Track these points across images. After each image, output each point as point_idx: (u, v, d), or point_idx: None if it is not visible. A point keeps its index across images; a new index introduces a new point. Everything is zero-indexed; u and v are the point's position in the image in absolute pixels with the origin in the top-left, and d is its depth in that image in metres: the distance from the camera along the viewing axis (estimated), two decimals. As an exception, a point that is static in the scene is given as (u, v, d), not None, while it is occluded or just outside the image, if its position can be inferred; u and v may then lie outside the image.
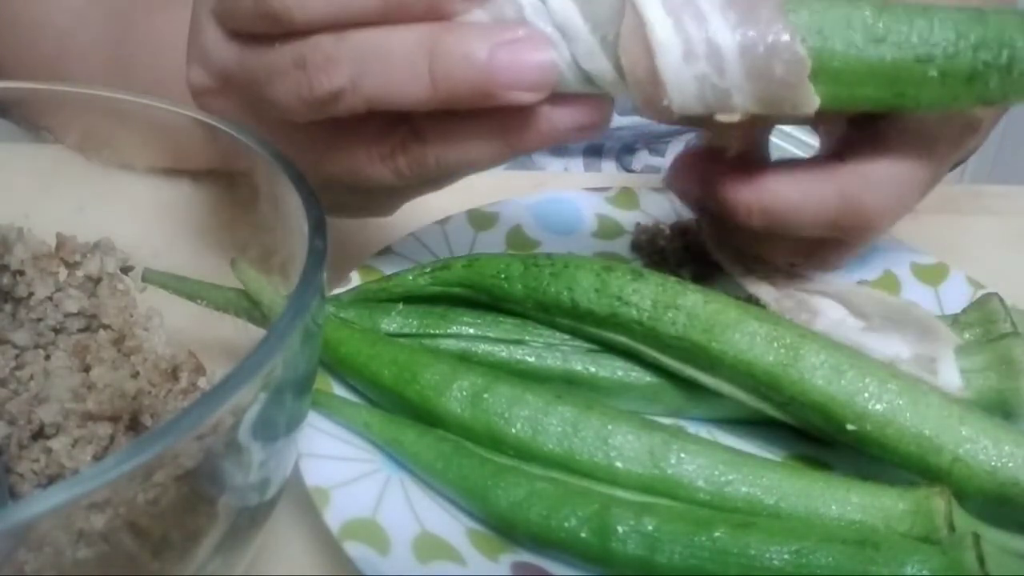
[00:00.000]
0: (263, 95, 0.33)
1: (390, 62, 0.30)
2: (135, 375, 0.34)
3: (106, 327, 0.36)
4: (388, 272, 0.41)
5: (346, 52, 0.31)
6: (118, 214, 0.37)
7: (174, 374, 0.34)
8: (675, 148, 0.69)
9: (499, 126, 0.32)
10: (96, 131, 0.36)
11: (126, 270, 0.37)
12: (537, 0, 0.30)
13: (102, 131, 0.36)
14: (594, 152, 0.66)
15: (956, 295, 0.42)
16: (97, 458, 0.30)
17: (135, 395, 0.32)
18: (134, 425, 0.32)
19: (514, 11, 0.30)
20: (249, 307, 0.34)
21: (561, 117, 0.32)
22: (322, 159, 0.35)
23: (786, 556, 0.29)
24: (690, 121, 0.32)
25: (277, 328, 0.23)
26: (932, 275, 0.43)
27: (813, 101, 0.30)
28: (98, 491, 0.19)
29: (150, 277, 0.36)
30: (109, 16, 0.51)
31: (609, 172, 0.68)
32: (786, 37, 0.29)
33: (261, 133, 0.34)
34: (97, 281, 0.36)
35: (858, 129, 0.36)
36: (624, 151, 0.67)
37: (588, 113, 0.32)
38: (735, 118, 0.31)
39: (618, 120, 0.63)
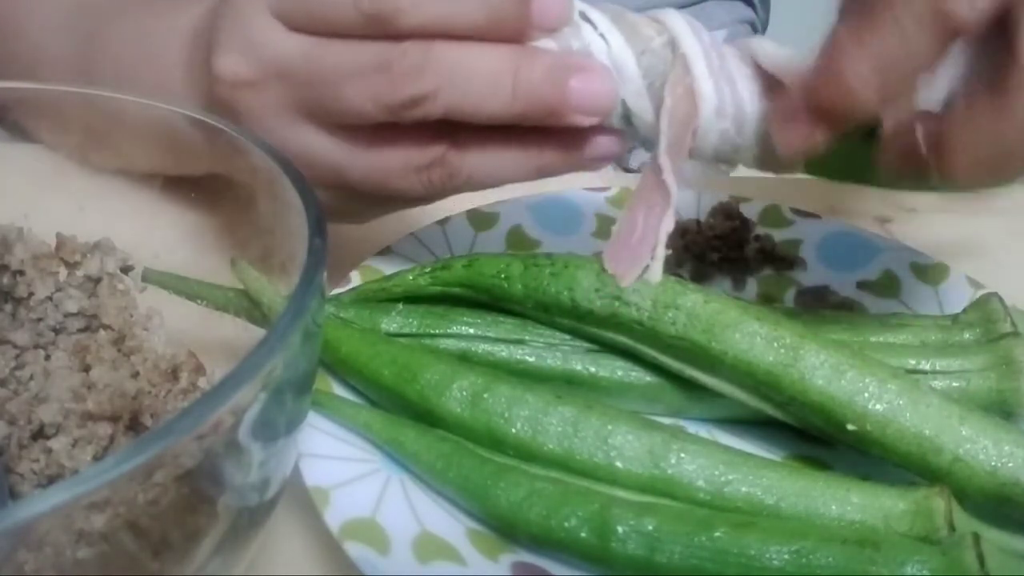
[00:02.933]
0: (329, 92, 0.34)
1: (477, 76, 0.33)
2: (135, 375, 0.34)
3: (106, 327, 0.36)
4: (388, 272, 0.41)
5: (434, 62, 0.32)
6: (118, 214, 0.37)
7: (174, 374, 0.34)
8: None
9: (536, 145, 0.35)
10: (93, 134, 0.36)
11: (126, 270, 0.37)
12: (600, 39, 0.34)
13: (99, 134, 0.36)
14: None
15: (956, 295, 0.42)
16: (97, 458, 0.30)
17: (135, 395, 0.32)
18: (134, 425, 0.32)
19: (580, 45, 0.34)
20: (249, 307, 0.34)
21: (595, 149, 0.35)
22: (355, 163, 0.36)
23: (786, 556, 0.29)
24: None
25: (277, 328, 0.23)
26: (932, 275, 0.43)
27: (799, 169, 0.34)
28: (98, 491, 0.19)
29: (150, 277, 0.36)
30: (77, 24, 0.51)
31: (609, 172, 0.68)
32: None
33: (291, 131, 0.35)
34: (97, 281, 0.36)
35: None
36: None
37: (618, 145, 0.35)
38: (729, 172, 0.36)
39: None
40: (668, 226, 0.34)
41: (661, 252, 0.33)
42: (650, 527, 0.30)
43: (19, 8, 0.53)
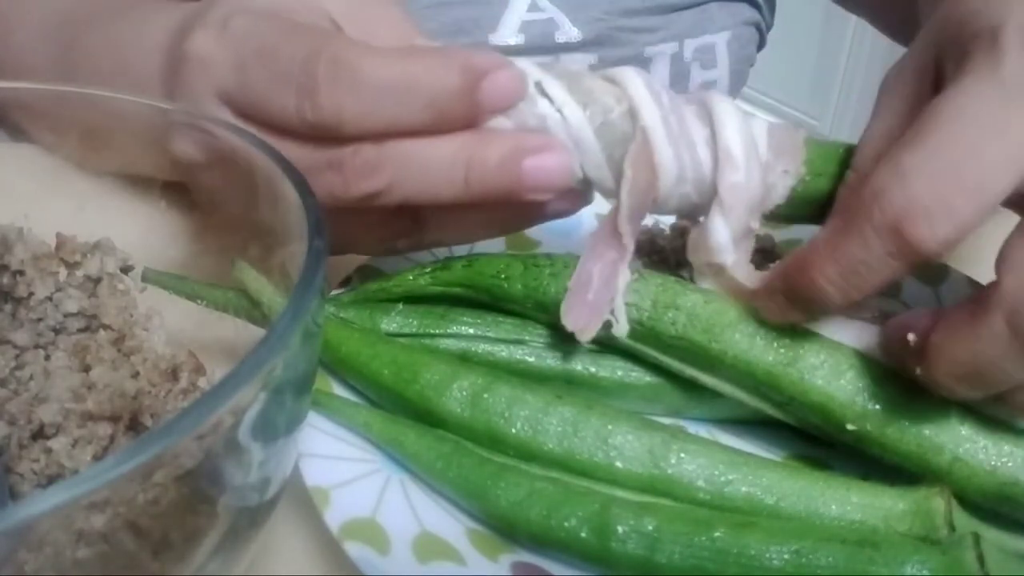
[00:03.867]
0: None
1: (430, 169, 0.33)
2: (135, 375, 0.34)
3: (106, 327, 0.36)
4: (388, 272, 0.41)
5: (387, 159, 0.33)
6: (118, 214, 0.37)
7: (174, 374, 0.34)
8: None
9: (499, 214, 0.36)
10: (92, 135, 0.36)
11: (126, 270, 0.37)
12: (556, 113, 0.34)
13: (98, 135, 0.36)
14: None
15: (956, 295, 0.42)
16: (97, 458, 0.30)
17: (135, 395, 0.32)
18: (134, 425, 0.32)
19: (536, 121, 0.34)
20: (249, 307, 0.34)
21: (556, 208, 0.35)
22: None
23: (786, 556, 0.29)
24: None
25: (277, 328, 0.23)
26: (932, 275, 0.43)
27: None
28: (98, 491, 0.19)
29: (150, 277, 0.36)
30: (58, 31, 0.51)
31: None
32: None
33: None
34: (97, 281, 0.36)
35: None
36: None
37: (573, 204, 0.36)
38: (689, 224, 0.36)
39: None
40: (625, 278, 0.35)
41: (621, 304, 0.35)
42: (650, 527, 0.30)
43: (6, 16, 0.53)
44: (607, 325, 0.35)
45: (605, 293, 0.34)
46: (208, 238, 0.36)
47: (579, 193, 0.36)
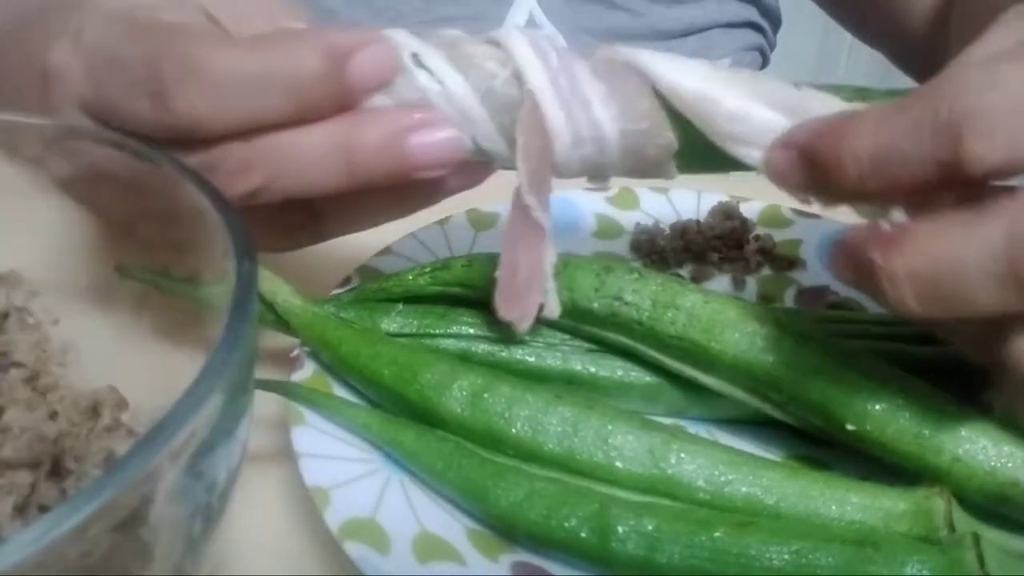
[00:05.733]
0: None
1: (305, 161, 0.31)
2: (53, 415, 0.31)
3: (17, 365, 0.33)
4: (388, 272, 0.41)
5: (259, 155, 0.31)
6: (21, 242, 0.35)
7: (95, 411, 0.32)
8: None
9: (396, 195, 0.34)
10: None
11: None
12: (437, 85, 0.32)
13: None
14: None
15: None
16: (19, 508, 0.28)
17: (56, 438, 0.30)
18: (57, 470, 0.30)
19: (415, 95, 0.32)
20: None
21: (452, 182, 0.34)
22: None
23: (786, 556, 0.29)
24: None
25: (214, 363, 0.22)
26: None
27: (673, 173, 0.33)
28: (26, 561, 0.18)
29: (130, 272, 0.34)
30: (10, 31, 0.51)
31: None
32: (661, 127, 0.32)
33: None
34: (4, 316, 0.34)
35: None
36: None
37: (476, 176, 0.35)
38: (605, 185, 0.35)
39: None
40: (550, 259, 0.33)
41: (551, 285, 0.34)
42: (650, 527, 0.30)
43: None
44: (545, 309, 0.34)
45: (535, 277, 0.33)
46: (127, 257, 0.34)
47: (480, 165, 0.34)
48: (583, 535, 0.31)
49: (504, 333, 0.37)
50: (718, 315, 0.34)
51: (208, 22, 0.34)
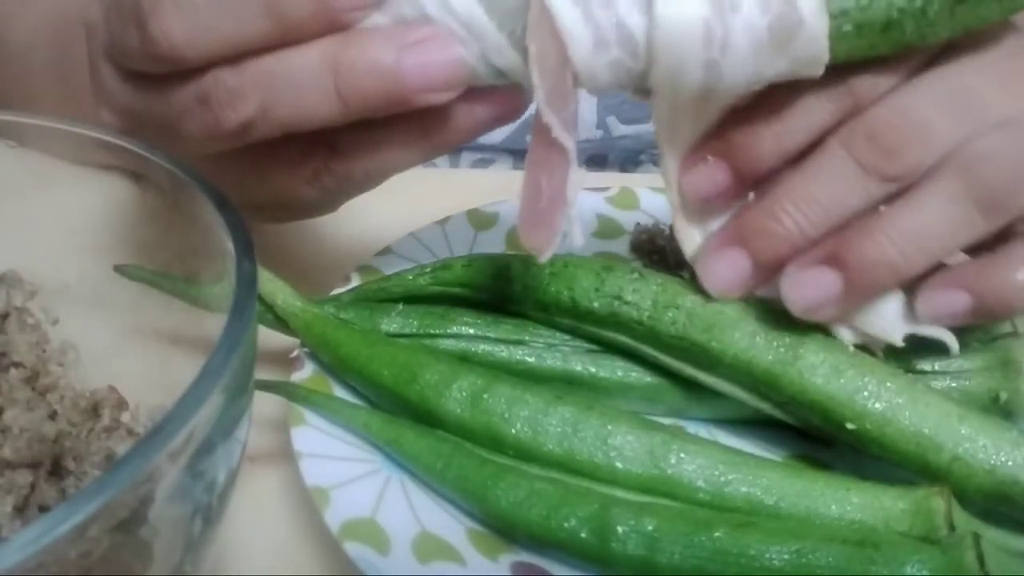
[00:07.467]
0: (171, 135, 0.32)
1: (295, 85, 0.30)
2: (53, 415, 0.31)
3: (17, 365, 0.33)
4: (388, 272, 0.41)
5: (248, 82, 0.30)
6: (21, 243, 0.35)
7: (95, 411, 0.32)
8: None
9: (419, 128, 0.32)
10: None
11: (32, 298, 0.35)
12: None
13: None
14: (597, 163, 0.66)
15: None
16: (18, 508, 0.28)
17: (55, 438, 0.30)
18: (56, 470, 0.30)
19: (414, 11, 0.29)
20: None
21: (479, 112, 0.32)
22: (245, 185, 0.34)
23: (786, 556, 0.29)
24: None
25: (213, 364, 0.22)
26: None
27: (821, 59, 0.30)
28: (28, 560, 0.18)
29: (130, 272, 0.34)
30: (56, 33, 0.51)
31: (609, 172, 0.68)
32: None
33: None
34: (4, 316, 0.34)
35: None
36: (628, 161, 0.67)
37: (505, 103, 0.32)
38: (647, 98, 0.31)
39: (621, 129, 0.63)
40: (576, 182, 0.30)
41: (575, 215, 0.31)
42: (650, 527, 0.30)
43: (6, 16, 0.53)
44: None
45: (558, 203, 0.30)
46: (125, 261, 0.34)
47: (506, 91, 0.31)
48: (583, 535, 0.31)
49: (504, 333, 0.37)
50: (718, 315, 0.34)
51: None
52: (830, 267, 0.32)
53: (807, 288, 0.32)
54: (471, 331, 0.37)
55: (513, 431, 0.34)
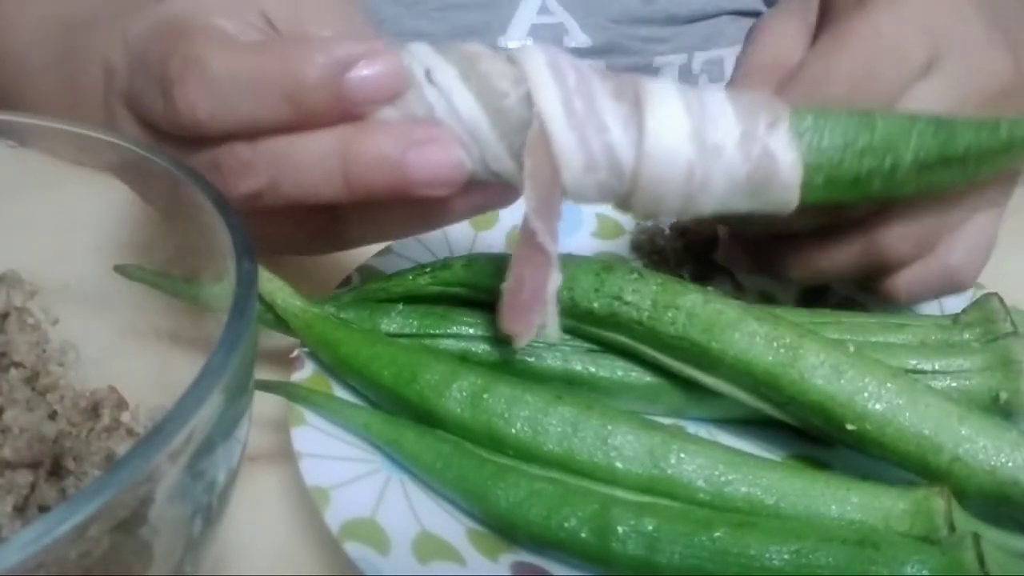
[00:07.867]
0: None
1: (306, 167, 0.31)
2: (53, 415, 0.31)
3: (17, 365, 0.33)
4: (388, 272, 0.41)
5: (262, 158, 0.32)
6: (21, 243, 0.35)
7: (95, 411, 0.32)
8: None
9: (418, 210, 0.34)
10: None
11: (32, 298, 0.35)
12: (446, 102, 0.31)
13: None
14: None
15: (956, 295, 0.42)
16: (18, 508, 0.28)
17: (55, 438, 0.30)
18: (56, 470, 0.30)
19: (424, 110, 0.31)
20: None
21: (475, 199, 0.34)
22: (247, 225, 0.34)
23: (786, 556, 0.29)
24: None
25: (213, 364, 0.22)
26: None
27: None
28: (27, 560, 0.18)
29: (130, 272, 0.34)
30: (60, 34, 0.51)
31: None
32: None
33: None
34: (4, 316, 0.34)
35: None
36: None
37: (499, 195, 0.34)
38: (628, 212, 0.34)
39: None
40: (555, 283, 0.33)
41: (553, 309, 0.33)
42: (650, 527, 0.30)
43: (6, 17, 0.53)
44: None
45: (538, 298, 0.33)
46: (127, 261, 0.34)
47: (500, 187, 0.33)
48: (583, 535, 0.31)
49: (504, 334, 0.37)
50: (718, 315, 0.34)
51: (260, 26, 0.35)
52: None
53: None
54: (471, 331, 0.37)
55: (513, 431, 0.34)
